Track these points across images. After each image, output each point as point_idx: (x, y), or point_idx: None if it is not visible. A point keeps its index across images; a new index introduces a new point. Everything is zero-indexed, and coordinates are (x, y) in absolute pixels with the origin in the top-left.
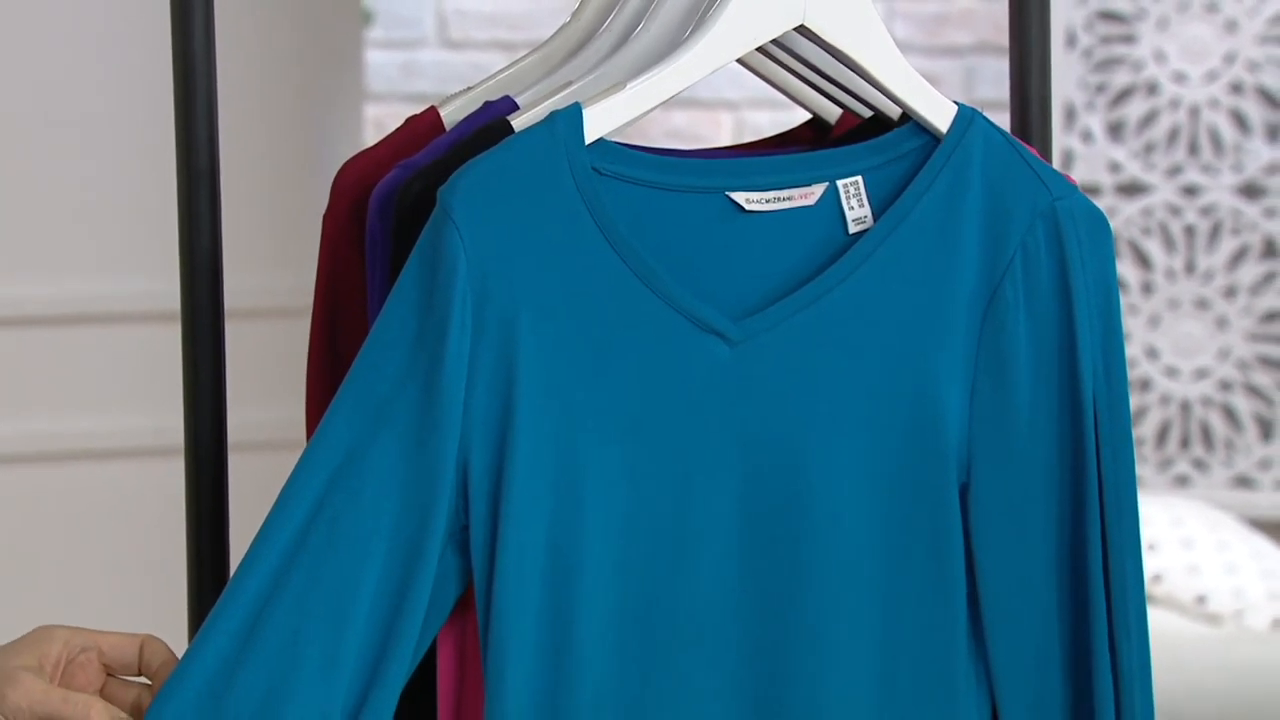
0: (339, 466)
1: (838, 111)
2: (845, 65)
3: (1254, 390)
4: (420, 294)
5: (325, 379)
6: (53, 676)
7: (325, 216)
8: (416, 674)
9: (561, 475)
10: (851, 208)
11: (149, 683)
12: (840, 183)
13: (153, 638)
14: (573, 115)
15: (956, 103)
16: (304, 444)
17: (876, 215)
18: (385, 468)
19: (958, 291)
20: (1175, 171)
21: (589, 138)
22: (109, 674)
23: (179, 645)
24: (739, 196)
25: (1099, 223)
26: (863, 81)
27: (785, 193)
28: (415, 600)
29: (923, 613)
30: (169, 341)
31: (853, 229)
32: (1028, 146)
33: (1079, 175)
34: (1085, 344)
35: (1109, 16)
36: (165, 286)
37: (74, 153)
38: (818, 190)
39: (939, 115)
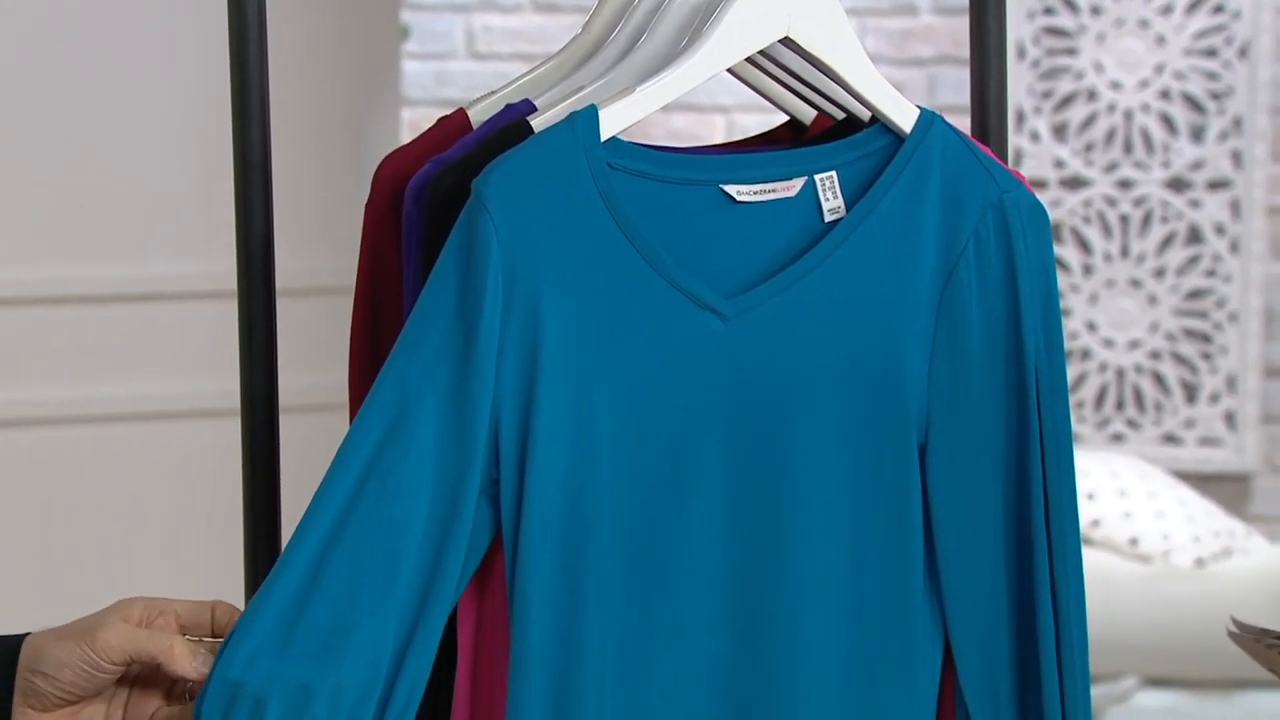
0: (389, 427)
1: (813, 114)
2: (823, 73)
3: (1180, 359)
4: (458, 273)
5: (367, 348)
6: None
7: (367, 206)
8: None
9: (578, 433)
10: (827, 199)
11: (220, 640)
12: (817, 177)
13: (222, 601)
14: (590, 116)
15: (919, 107)
16: (347, 406)
17: (849, 206)
18: (429, 428)
19: (919, 273)
20: (1112, 167)
21: (603, 136)
22: (184, 634)
23: (235, 582)
24: (731, 189)
25: (1040, 213)
26: (837, 87)
27: (770, 185)
28: (455, 546)
29: (886, 555)
30: (228, 316)
31: (828, 218)
32: (983, 146)
33: (1028, 171)
34: (1029, 319)
35: (1054, 32)
36: (224, 268)
37: (145, 153)
38: (798, 183)
39: (904, 118)
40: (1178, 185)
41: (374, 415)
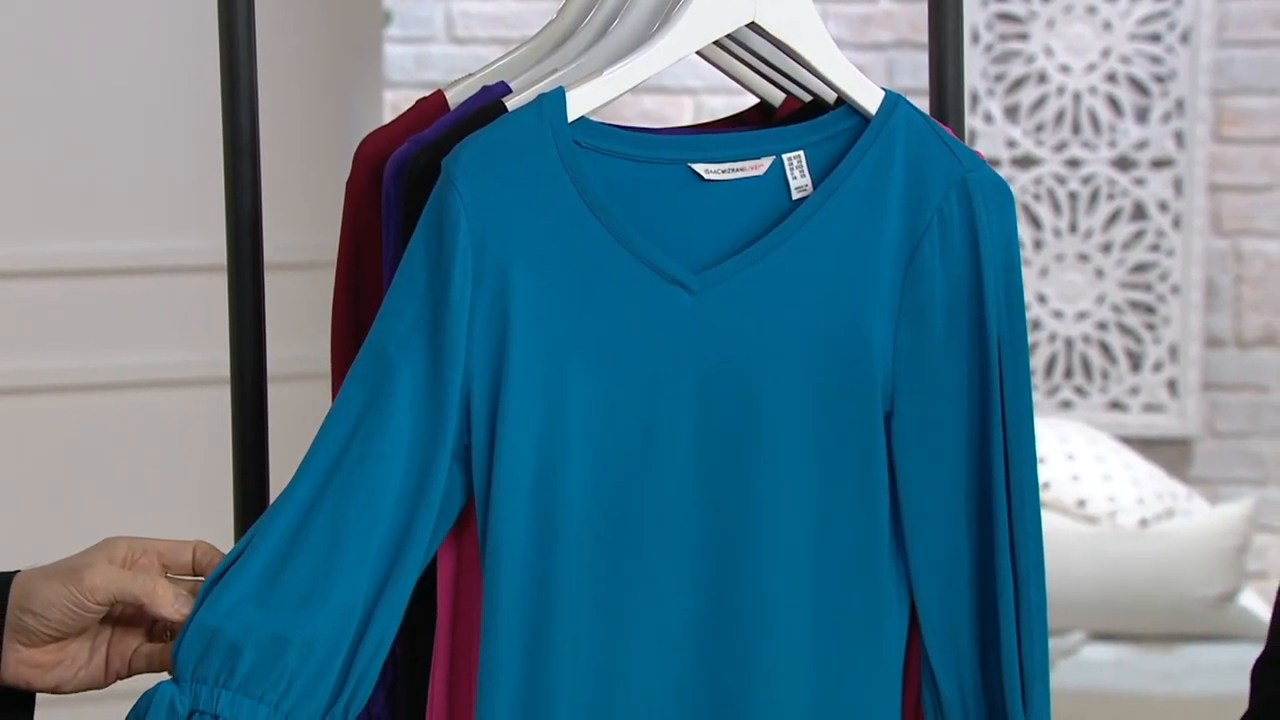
0: (370, 396)
1: (781, 96)
2: (790, 56)
3: (1125, 329)
4: (429, 249)
5: (348, 320)
6: None
7: (348, 183)
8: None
9: (548, 401)
10: (795, 177)
11: (201, 579)
12: (785, 156)
13: (203, 542)
14: (557, 97)
15: (884, 89)
16: (330, 375)
17: (815, 184)
18: (405, 397)
19: (884, 248)
20: (1061, 147)
21: (571, 116)
22: (166, 573)
23: (225, 544)
24: (699, 167)
25: (1003, 192)
26: (804, 70)
27: (738, 164)
28: (427, 509)
29: (852, 519)
30: (218, 289)
31: (795, 196)
32: (944, 126)
33: (981, 151)
34: (991, 293)
35: (1006, 18)
36: (215, 244)
37: (139, 135)
38: (766, 163)
39: (869, 99)
40: (1123, 164)
41: (356, 384)
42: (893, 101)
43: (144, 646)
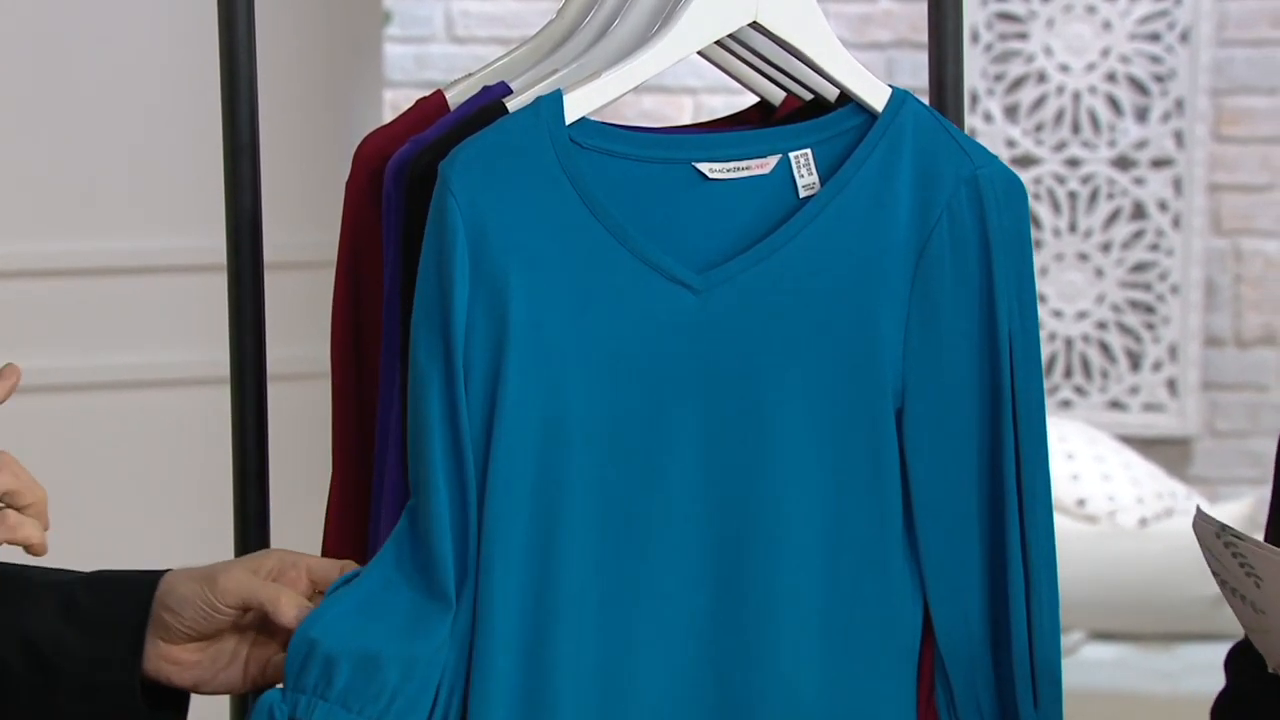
0: (420, 415)
1: (782, 95)
2: (794, 55)
3: (1125, 329)
4: (431, 255)
5: (348, 319)
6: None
7: (348, 183)
8: None
9: (548, 403)
10: (801, 175)
11: None
12: (792, 154)
13: (351, 562)
14: (555, 99)
15: (891, 86)
16: (330, 375)
17: (823, 182)
18: (437, 408)
19: (892, 246)
20: (1060, 147)
21: (570, 118)
22: (316, 590)
23: (225, 542)
24: (703, 166)
25: (1015, 187)
26: (806, 69)
27: (744, 163)
28: (472, 528)
29: (864, 516)
30: (218, 289)
31: (802, 194)
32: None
33: None
34: (1002, 289)
35: (1006, 17)
36: (215, 243)
37: (140, 134)
38: (772, 161)
39: (876, 97)
40: (1123, 163)
41: (412, 403)
42: (900, 98)
43: (278, 655)
